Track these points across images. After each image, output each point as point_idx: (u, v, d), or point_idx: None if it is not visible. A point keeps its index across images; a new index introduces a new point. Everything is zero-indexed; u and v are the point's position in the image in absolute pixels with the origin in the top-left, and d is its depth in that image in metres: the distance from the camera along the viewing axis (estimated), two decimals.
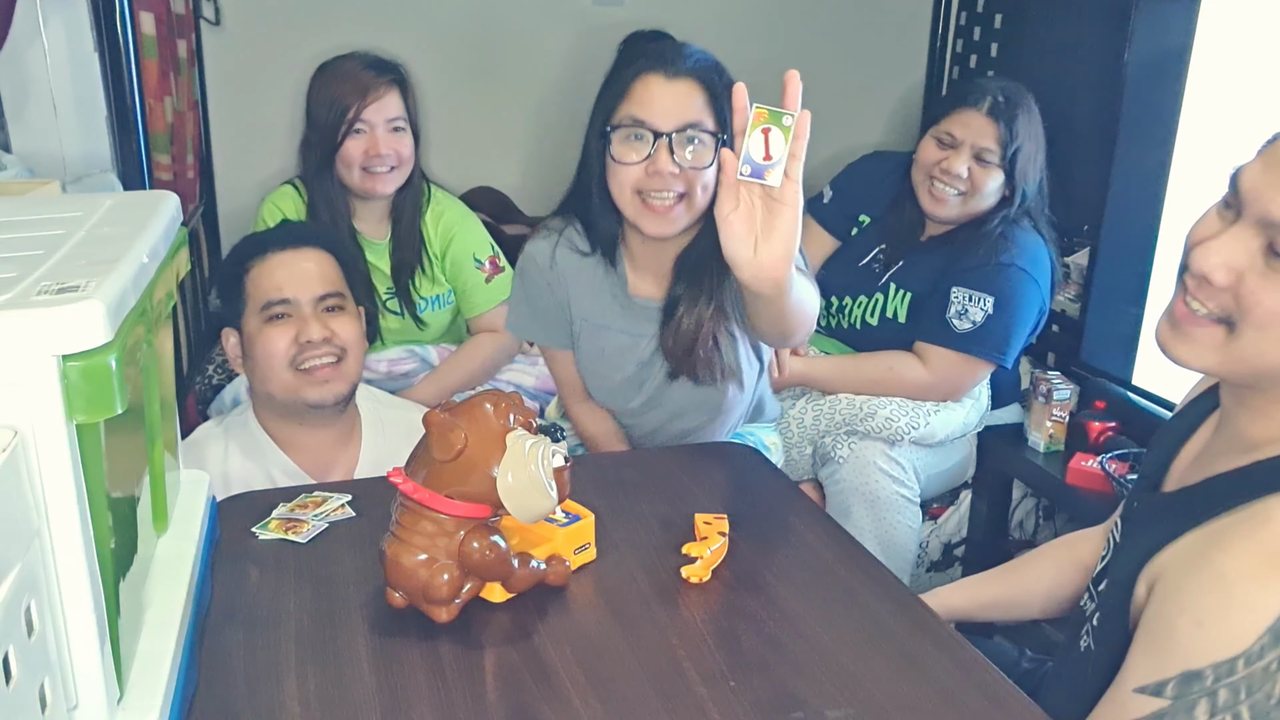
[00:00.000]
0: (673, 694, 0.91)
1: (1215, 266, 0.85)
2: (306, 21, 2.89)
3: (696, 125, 1.37)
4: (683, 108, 1.36)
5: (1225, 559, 0.82)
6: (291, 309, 1.50)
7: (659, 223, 1.40)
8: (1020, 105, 2.02)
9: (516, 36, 3.14)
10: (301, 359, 1.49)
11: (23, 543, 0.65)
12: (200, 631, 1.00)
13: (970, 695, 0.92)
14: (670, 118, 1.36)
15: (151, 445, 0.95)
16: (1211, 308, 0.87)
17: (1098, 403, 2.35)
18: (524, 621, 1.02)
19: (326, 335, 1.50)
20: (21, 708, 0.62)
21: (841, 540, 1.21)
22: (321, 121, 1.95)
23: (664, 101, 1.36)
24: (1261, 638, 0.80)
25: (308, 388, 1.49)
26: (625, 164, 1.38)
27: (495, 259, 2.13)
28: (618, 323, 1.58)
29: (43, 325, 0.65)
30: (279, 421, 1.55)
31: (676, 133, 1.36)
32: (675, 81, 1.37)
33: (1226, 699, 0.81)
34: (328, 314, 1.52)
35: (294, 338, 1.49)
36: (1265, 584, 0.80)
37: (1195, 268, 0.87)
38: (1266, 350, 0.85)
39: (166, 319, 0.98)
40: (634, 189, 1.39)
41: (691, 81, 1.38)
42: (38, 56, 1.83)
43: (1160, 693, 0.85)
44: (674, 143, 1.36)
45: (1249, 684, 0.81)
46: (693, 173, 1.37)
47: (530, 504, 0.98)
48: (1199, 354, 0.89)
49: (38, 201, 1.17)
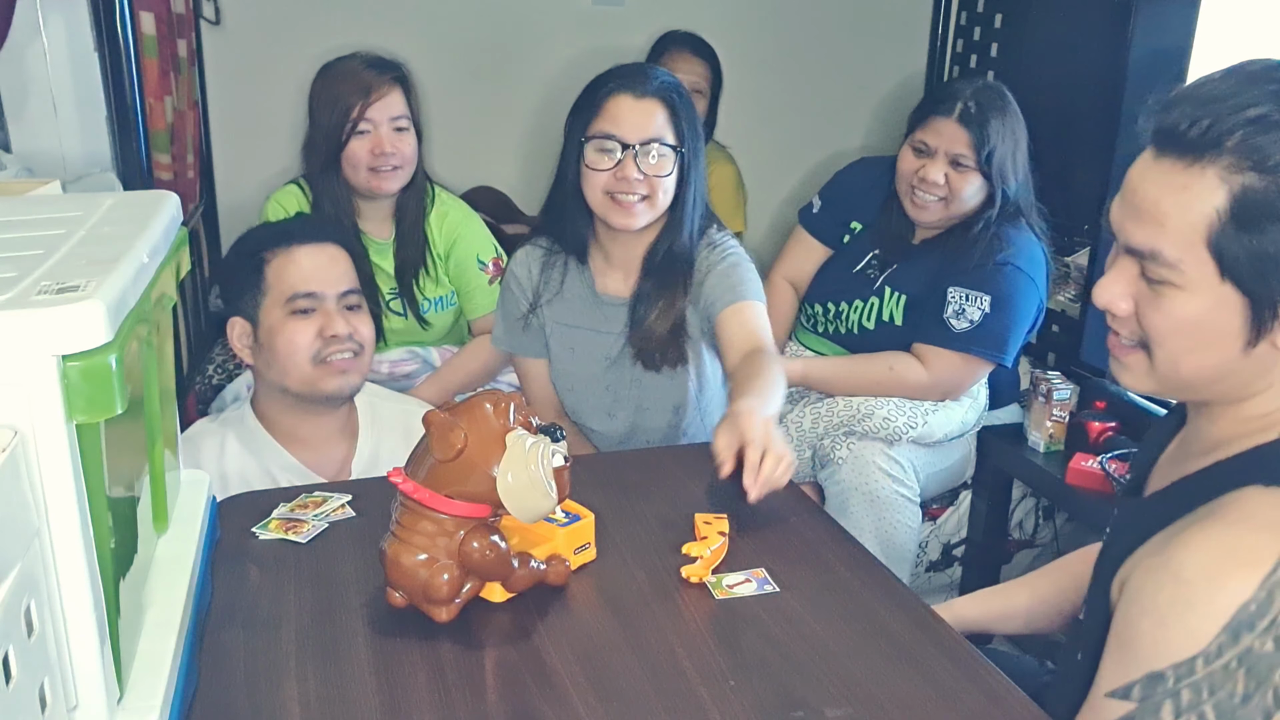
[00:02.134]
0: (673, 694, 0.91)
1: (1110, 299, 0.93)
2: (307, 21, 2.88)
3: (659, 139, 1.60)
4: (647, 124, 1.60)
5: (1183, 557, 0.84)
6: (317, 303, 1.50)
7: (624, 215, 1.61)
8: (993, 108, 2.02)
9: (517, 37, 3.14)
10: (326, 353, 1.49)
11: (23, 543, 0.65)
12: (200, 632, 1.00)
13: (969, 694, 0.92)
14: (636, 132, 1.59)
15: (151, 445, 0.95)
16: (1126, 335, 0.94)
17: (1098, 403, 2.35)
18: (524, 621, 1.02)
19: (350, 331, 1.51)
20: (21, 708, 0.62)
21: (841, 540, 1.21)
22: (325, 122, 1.95)
23: (632, 118, 1.59)
24: (1219, 636, 0.81)
25: (326, 379, 1.50)
26: (597, 170, 1.61)
27: (498, 260, 2.13)
28: (587, 321, 1.77)
29: (43, 325, 0.65)
30: (282, 414, 1.55)
31: (641, 145, 1.59)
32: (642, 101, 1.60)
33: (1190, 699, 0.82)
34: (350, 311, 1.53)
35: (318, 331, 1.49)
36: (1221, 583, 0.81)
37: (1096, 304, 0.95)
38: (1178, 363, 0.91)
39: (167, 319, 0.98)
40: (604, 190, 1.61)
41: (656, 101, 1.61)
42: (38, 56, 1.83)
43: (1128, 695, 0.86)
44: (639, 153, 1.59)
45: (1210, 683, 0.82)
46: (655, 179, 1.60)
47: (530, 504, 0.98)
48: (1136, 379, 0.96)
49: (38, 201, 1.17)
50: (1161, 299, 0.89)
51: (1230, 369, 0.90)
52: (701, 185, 1.67)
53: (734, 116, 2.97)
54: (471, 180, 2.91)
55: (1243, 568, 0.81)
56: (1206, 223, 0.85)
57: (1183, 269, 0.87)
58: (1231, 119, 0.83)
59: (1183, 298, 0.88)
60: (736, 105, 2.97)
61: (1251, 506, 0.85)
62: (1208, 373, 0.91)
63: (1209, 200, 0.84)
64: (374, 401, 1.66)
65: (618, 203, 1.60)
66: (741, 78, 3.26)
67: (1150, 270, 0.89)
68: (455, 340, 2.20)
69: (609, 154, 1.59)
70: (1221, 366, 0.90)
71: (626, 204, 1.60)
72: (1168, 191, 0.87)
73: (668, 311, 1.69)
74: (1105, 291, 0.93)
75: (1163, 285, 0.88)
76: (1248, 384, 0.91)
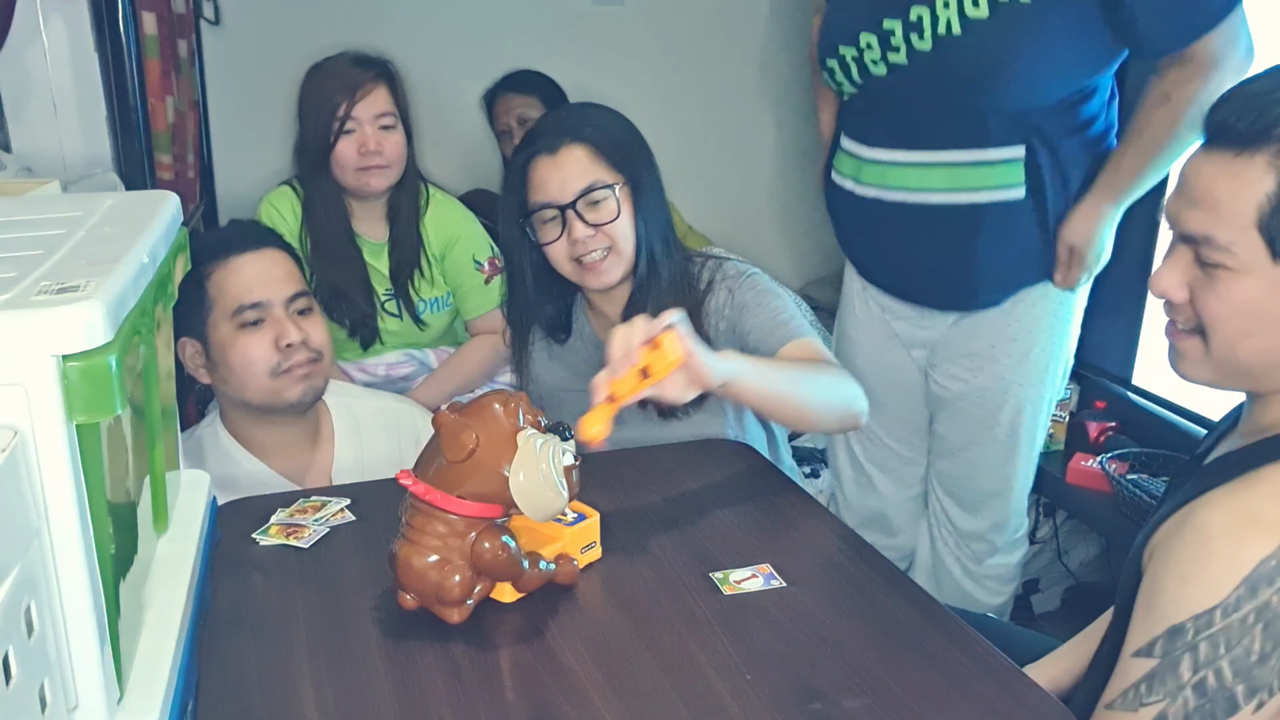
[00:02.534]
0: (690, 688, 0.92)
1: (1166, 287, 0.97)
2: (307, 21, 2.89)
3: (591, 187, 1.46)
4: (573, 177, 1.46)
5: (1208, 515, 0.88)
6: (264, 312, 1.45)
7: (598, 277, 1.49)
8: None
9: (517, 37, 3.14)
10: (285, 364, 1.45)
11: (23, 543, 0.65)
12: (200, 632, 1.00)
13: (983, 682, 0.93)
14: (565, 190, 1.46)
15: (151, 446, 0.95)
16: (1183, 321, 0.98)
17: (1098, 403, 2.35)
18: (536, 621, 1.03)
19: (303, 337, 1.46)
20: (21, 708, 0.62)
21: (843, 534, 1.21)
22: (313, 122, 1.94)
23: (556, 178, 1.47)
24: (1238, 588, 0.85)
25: (288, 388, 1.46)
26: (551, 243, 1.49)
27: (495, 260, 2.12)
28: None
29: (43, 325, 0.65)
30: (249, 426, 1.52)
31: (578, 200, 1.46)
32: (558, 156, 1.47)
33: (1207, 653, 0.86)
34: (300, 316, 1.49)
35: (273, 342, 1.44)
36: (1243, 540, 0.86)
37: (1153, 293, 0.98)
38: (1234, 347, 0.94)
39: (167, 319, 0.98)
40: (569, 259, 1.49)
41: (572, 148, 1.47)
42: (38, 56, 1.83)
43: (1151, 652, 0.89)
44: (579, 209, 1.46)
45: (1227, 637, 0.85)
46: (605, 228, 1.47)
47: (543, 503, 0.98)
48: (1194, 366, 0.98)
49: (38, 201, 1.17)
50: (1216, 283, 0.92)
51: None
52: (656, 201, 1.52)
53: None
54: (469, 182, 2.92)
55: (1265, 527, 0.85)
56: (1257, 206, 0.89)
57: (1236, 251, 0.90)
58: (1276, 110, 0.88)
59: (1237, 280, 0.91)
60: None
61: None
62: (1264, 356, 0.93)
63: (1259, 185, 0.88)
64: (349, 402, 1.63)
65: (585, 266, 1.48)
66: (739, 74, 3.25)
67: (1205, 254, 0.92)
68: (452, 342, 2.20)
69: (553, 223, 1.48)
70: (1276, 350, 0.93)
71: (592, 264, 1.48)
72: (1220, 179, 0.91)
73: None
74: (1162, 280, 0.97)
75: (1217, 269, 0.92)
76: None
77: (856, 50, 1.66)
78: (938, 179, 1.67)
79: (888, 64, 1.63)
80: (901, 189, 1.71)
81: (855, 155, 1.76)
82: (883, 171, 1.72)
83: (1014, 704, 0.90)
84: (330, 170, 1.95)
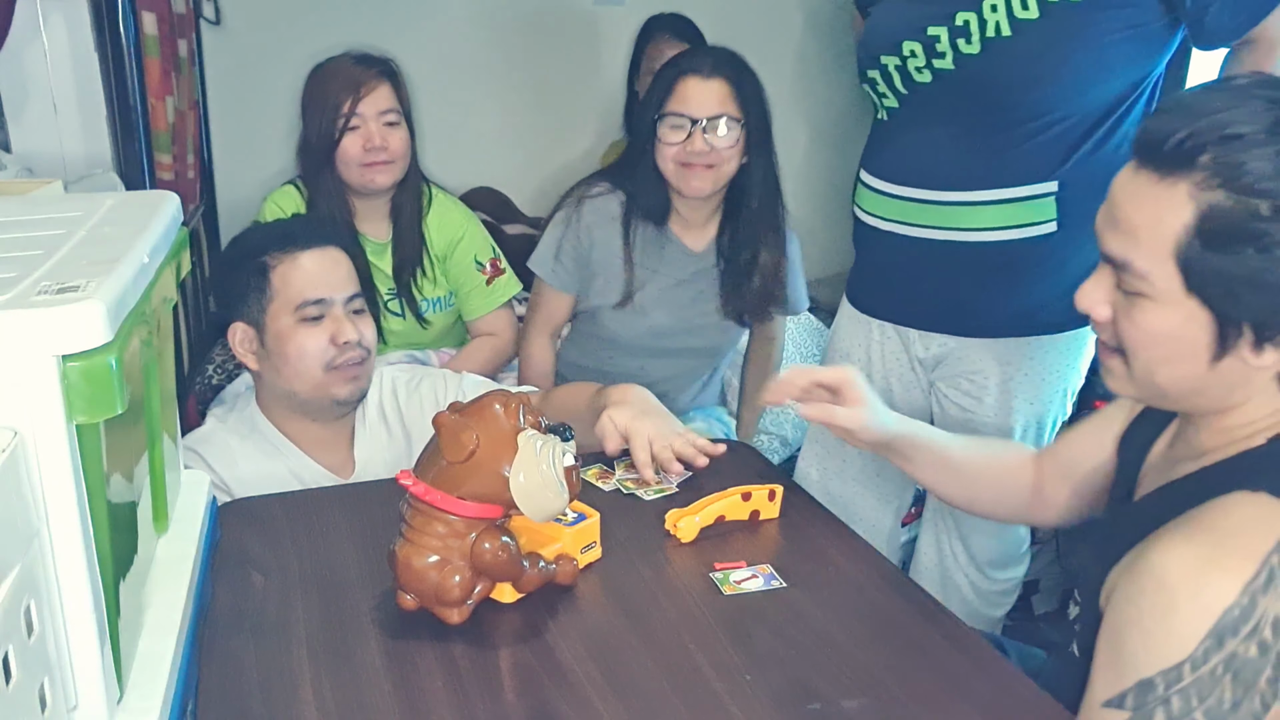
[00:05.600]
0: (690, 689, 0.92)
1: (1090, 304, 0.95)
2: (306, 21, 2.89)
3: (723, 115, 1.78)
4: (713, 102, 1.77)
5: (1165, 562, 0.84)
6: (325, 309, 1.49)
7: (694, 179, 1.80)
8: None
9: (517, 36, 3.14)
10: (339, 360, 1.48)
11: (23, 543, 0.65)
12: (200, 632, 1.00)
13: (980, 683, 0.93)
14: (704, 109, 1.77)
15: (152, 446, 0.95)
16: (1107, 338, 0.96)
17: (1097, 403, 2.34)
18: (536, 621, 1.03)
19: (358, 336, 1.50)
20: (21, 708, 0.62)
21: (843, 535, 1.21)
22: (317, 120, 1.95)
23: (699, 97, 1.78)
24: (1204, 641, 0.81)
25: (338, 384, 1.49)
26: (669, 144, 1.80)
27: (496, 261, 2.13)
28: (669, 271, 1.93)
29: (43, 325, 0.65)
30: (287, 419, 1.54)
31: (709, 120, 1.77)
32: (709, 81, 1.78)
33: (1180, 707, 0.82)
34: (356, 315, 1.53)
35: (330, 338, 1.48)
36: (1203, 586, 0.81)
37: (1077, 307, 0.97)
38: (1152, 373, 0.92)
39: (167, 319, 0.98)
40: (674, 161, 1.80)
41: (721, 80, 1.78)
42: (38, 56, 1.83)
43: (1121, 704, 0.86)
44: (706, 128, 1.77)
45: (1199, 690, 0.82)
46: (720, 150, 1.79)
47: (544, 503, 0.98)
48: (1119, 384, 0.97)
49: (38, 201, 1.17)
50: (1134, 309, 0.91)
51: (1203, 382, 0.90)
52: (770, 149, 1.84)
53: None
54: (471, 181, 2.92)
55: (1225, 573, 0.81)
56: (1175, 238, 0.86)
57: (1152, 281, 0.88)
58: (1207, 135, 0.84)
59: (1153, 309, 0.89)
60: None
61: (1234, 511, 0.85)
62: (1182, 384, 0.92)
63: (1178, 215, 0.85)
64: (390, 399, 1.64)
65: (687, 169, 1.78)
66: None
67: (1124, 280, 0.91)
68: (454, 343, 2.20)
69: (679, 129, 1.77)
70: (1193, 379, 0.91)
71: (694, 171, 1.78)
72: (1141, 204, 0.88)
73: (755, 251, 1.89)
74: (1085, 297, 0.95)
75: (1135, 296, 0.90)
76: (1224, 397, 0.91)
77: (900, 59, 1.62)
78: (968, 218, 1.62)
79: (933, 70, 1.59)
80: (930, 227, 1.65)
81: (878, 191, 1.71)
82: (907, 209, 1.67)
83: (1012, 704, 0.91)
84: (334, 168, 1.96)
